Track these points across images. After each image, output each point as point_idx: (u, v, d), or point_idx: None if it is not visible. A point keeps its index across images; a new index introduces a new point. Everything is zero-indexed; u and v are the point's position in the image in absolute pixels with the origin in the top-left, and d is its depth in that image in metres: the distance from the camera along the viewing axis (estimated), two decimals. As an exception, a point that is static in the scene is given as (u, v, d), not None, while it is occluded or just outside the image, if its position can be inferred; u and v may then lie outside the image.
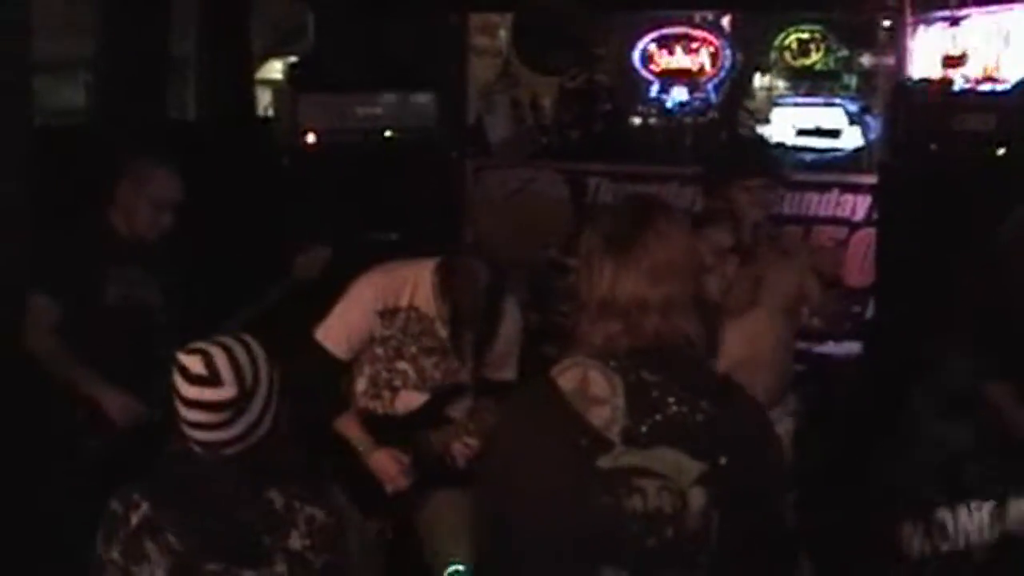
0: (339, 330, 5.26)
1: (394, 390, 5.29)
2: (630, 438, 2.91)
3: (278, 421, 3.51)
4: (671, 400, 2.94)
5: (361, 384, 5.35)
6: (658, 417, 2.92)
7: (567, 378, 3.00)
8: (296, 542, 3.46)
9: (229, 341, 3.51)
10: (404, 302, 5.22)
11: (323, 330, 5.27)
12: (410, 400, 5.31)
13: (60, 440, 5.49)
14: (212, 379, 3.40)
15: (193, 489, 3.47)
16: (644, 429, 2.91)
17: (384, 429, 5.28)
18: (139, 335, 5.59)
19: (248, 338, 3.57)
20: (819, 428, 6.13)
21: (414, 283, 5.23)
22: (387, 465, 5.20)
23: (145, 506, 3.43)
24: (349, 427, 5.27)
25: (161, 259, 5.78)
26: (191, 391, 3.42)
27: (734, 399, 3.08)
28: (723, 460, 2.92)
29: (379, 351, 5.26)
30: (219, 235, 7.68)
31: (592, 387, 2.96)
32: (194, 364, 3.42)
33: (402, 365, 5.25)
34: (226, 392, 3.40)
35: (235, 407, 3.41)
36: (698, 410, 2.95)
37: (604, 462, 2.90)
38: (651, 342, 3.00)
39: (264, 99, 12.74)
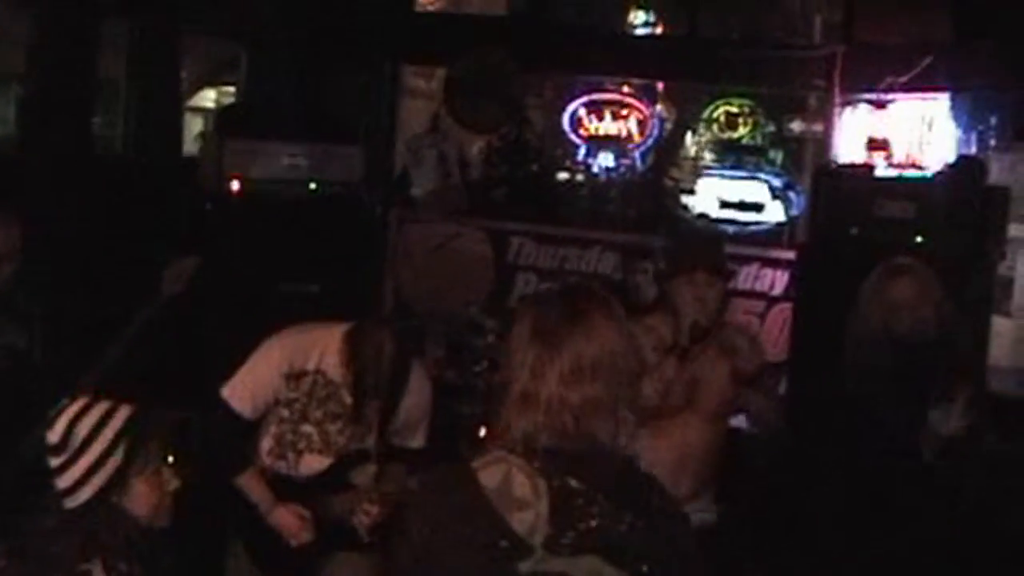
0: (244, 389, 5.21)
1: (299, 452, 5.24)
2: (552, 546, 2.81)
3: (110, 494, 3.40)
4: (595, 510, 2.84)
5: (266, 443, 5.30)
6: (581, 527, 2.82)
7: (490, 474, 2.89)
8: None
9: (100, 400, 3.46)
10: (312, 366, 5.19)
11: (229, 388, 5.22)
12: (314, 463, 5.26)
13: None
14: (51, 422, 3.41)
15: (34, 547, 3.40)
16: (567, 539, 2.82)
17: (288, 490, 5.23)
18: (11, 381, 5.42)
19: (123, 408, 3.47)
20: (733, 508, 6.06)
21: (323, 347, 5.20)
22: (289, 521, 5.16)
23: (3, 562, 3.42)
24: (251, 484, 5.21)
25: (22, 303, 5.58)
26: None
27: (656, 507, 2.98)
28: (645, 569, 2.85)
29: (284, 413, 5.21)
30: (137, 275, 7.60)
31: (515, 488, 2.85)
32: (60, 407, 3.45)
33: (307, 428, 5.21)
34: (51, 437, 3.38)
35: (60, 456, 3.37)
36: (621, 521, 2.85)
37: (525, 566, 2.81)
38: (573, 442, 2.90)
39: (195, 126, 12.68)
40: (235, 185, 8.33)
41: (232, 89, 12.44)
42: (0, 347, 5.46)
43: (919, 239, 7.82)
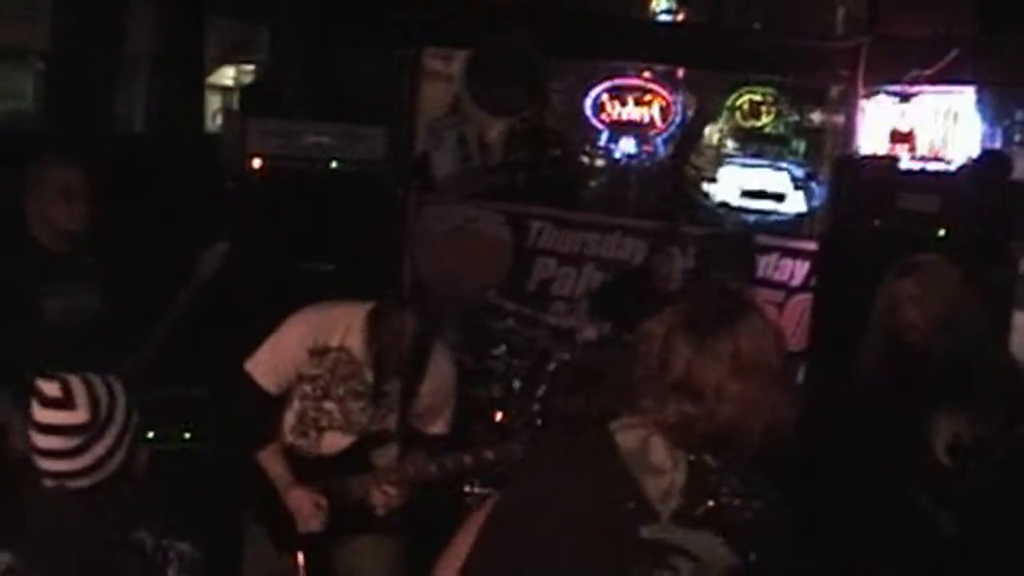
0: (268, 364, 5.20)
1: (320, 430, 5.23)
2: (680, 517, 2.84)
3: (131, 463, 3.41)
4: (727, 490, 2.87)
5: (289, 419, 5.28)
6: (711, 503, 2.85)
7: (628, 437, 2.91)
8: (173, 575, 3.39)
9: (90, 375, 3.41)
10: (335, 342, 5.18)
11: (253, 362, 5.21)
12: (335, 442, 5.24)
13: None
14: (66, 402, 3.31)
15: (59, 536, 3.36)
16: (697, 512, 2.85)
17: (309, 468, 5.21)
18: (88, 345, 5.48)
19: (111, 378, 3.46)
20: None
21: (347, 325, 5.18)
22: (304, 505, 5.13)
23: (7, 557, 3.32)
24: (271, 461, 5.20)
25: (94, 266, 5.71)
26: (44, 415, 3.32)
27: (772, 499, 2.99)
28: (753, 557, 2.87)
29: (307, 389, 5.20)
30: (160, 252, 7.62)
31: (653, 454, 2.88)
32: (50, 388, 3.33)
33: (329, 405, 5.20)
34: (78, 416, 3.31)
35: (86, 434, 3.31)
36: (749, 507, 2.88)
37: (647, 532, 2.83)
38: (718, 431, 2.90)
39: (213, 104, 12.67)
40: (256, 163, 8.32)
41: (251, 68, 12.46)
42: (80, 308, 5.55)
43: (942, 232, 7.78)
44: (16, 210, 5.56)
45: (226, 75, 13.92)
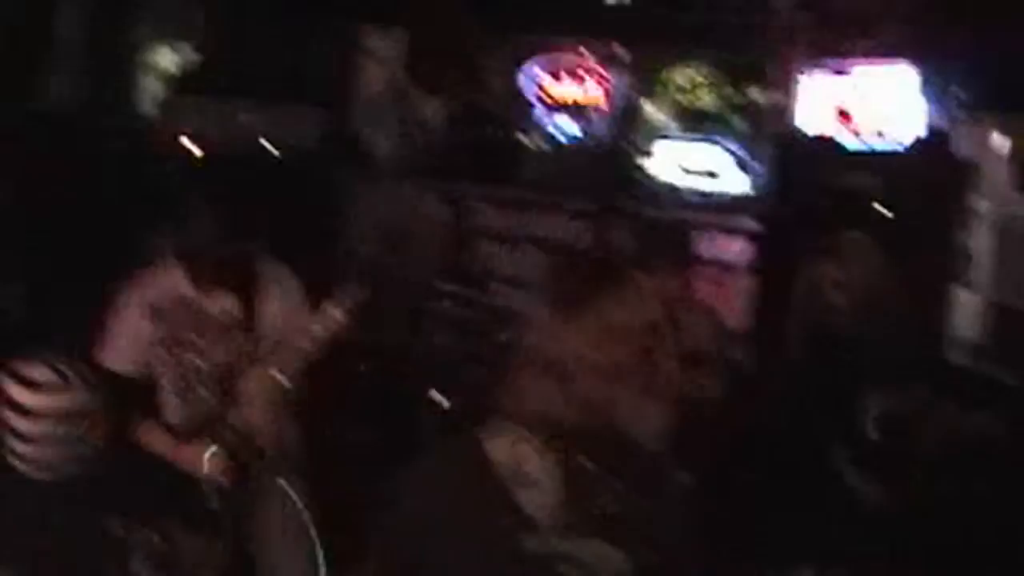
0: (111, 343, 4.93)
1: (194, 390, 5.01)
2: (559, 528, 2.70)
3: (116, 445, 3.41)
4: (607, 495, 2.73)
5: (170, 403, 5.00)
6: (592, 511, 2.71)
7: (499, 447, 2.76)
8: (137, 564, 3.34)
9: (63, 359, 3.42)
10: (166, 298, 4.91)
11: (99, 351, 4.93)
12: (209, 391, 5.04)
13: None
14: (59, 386, 3.34)
15: (28, 516, 3.34)
16: (576, 522, 2.70)
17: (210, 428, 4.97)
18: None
19: (81, 364, 3.48)
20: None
21: (167, 277, 4.92)
22: (191, 458, 4.81)
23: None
24: (149, 436, 4.88)
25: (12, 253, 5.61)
26: (27, 398, 3.32)
27: (668, 489, 2.90)
28: (650, 555, 2.73)
29: (162, 353, 4.98)
30: (88, 234, 7.52)
31: (524, 464, 2.73)
32: (37, 372, 3.34)
33: (188, 357, 5.00)
34: (70, 399, 3.35)
35: (74, 416, 3.34)
36: (633, 507, 2.74)
37: (529, 544, 2.69)
38: (588, 415, 2.76)
39: (151, 86, 12.58)
40: (189, 143, 8.24)
41: (189, 48, 12.36)
42: None
43: (883, 211, 7.79)
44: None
45: (164, 56, 13.80)
